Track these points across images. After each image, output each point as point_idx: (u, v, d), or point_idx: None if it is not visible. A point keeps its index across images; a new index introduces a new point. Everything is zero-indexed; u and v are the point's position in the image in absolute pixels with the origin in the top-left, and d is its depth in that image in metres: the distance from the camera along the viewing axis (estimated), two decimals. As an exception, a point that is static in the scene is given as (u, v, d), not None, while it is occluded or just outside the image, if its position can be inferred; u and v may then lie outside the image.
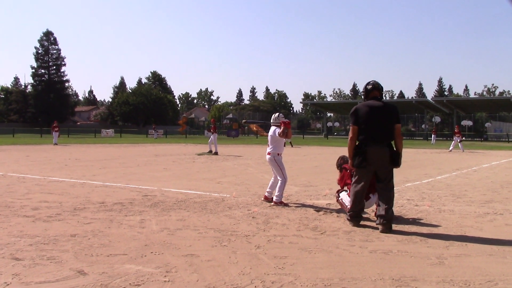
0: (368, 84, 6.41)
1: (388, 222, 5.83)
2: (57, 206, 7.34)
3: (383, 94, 6.50)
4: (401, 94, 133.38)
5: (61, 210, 6.98)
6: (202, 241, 5.19)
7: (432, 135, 45.46)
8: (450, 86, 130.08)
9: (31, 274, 3.94)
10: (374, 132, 6.03)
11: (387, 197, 5.97)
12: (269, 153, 8.06)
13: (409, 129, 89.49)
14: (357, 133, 6.15)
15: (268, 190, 8.15)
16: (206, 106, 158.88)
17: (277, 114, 8.53)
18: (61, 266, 4.17)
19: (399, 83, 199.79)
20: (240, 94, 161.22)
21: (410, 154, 24.12)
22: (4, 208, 7.09)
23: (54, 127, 33.84)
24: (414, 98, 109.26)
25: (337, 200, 7.09)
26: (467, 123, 71.94)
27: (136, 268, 4.15)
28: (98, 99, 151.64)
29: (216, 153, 22.52)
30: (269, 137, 8.15)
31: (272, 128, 8.17)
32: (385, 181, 6.05)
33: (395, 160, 6.06)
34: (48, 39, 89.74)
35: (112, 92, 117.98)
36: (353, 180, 6.27)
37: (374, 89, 6.31)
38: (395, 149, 6.16)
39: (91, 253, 4.60)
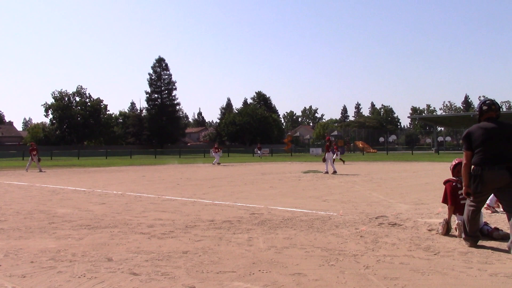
0: (483, 104, 5.88)
1: None
2: (170, 224, 7.69)
3: (500, 111, 5.99)
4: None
5: (174, 228, 7.30)
6: (309, 260, 5.14)
7: None
8: None
9: (147, 288, 4.14)
10: (491, 155, 5.53)
11: None
12: None
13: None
14: (471, 159, 5.72)
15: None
16: (311, 124, 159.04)
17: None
18: (174, 282, 4.33)
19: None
20: (344, 110, 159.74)
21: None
22: (123, 225, 7.57)
23: (216, 148, 35.84)
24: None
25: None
26: None
27: (245, 285, 4.20)
28: (206, 120, 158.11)
29: (334, 172, 21.19)
30: None
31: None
32: (511, 205, 5.47)
33: None
34: (160, 65, 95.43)
35: (220, 113, 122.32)
36: (468, 200, 5.87)
37: (490, 110, 5.78)
38: None
39: (201, 270, 4.74)
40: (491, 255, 5.34)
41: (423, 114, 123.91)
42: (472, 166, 5.71)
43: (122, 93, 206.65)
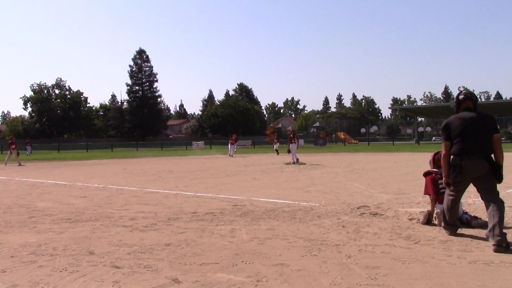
0: (460, 94, 5.93)
1: (505, 242, 5.07)
2: (153, 216, 7.66)
3: (477, 101, 6.03)
4: (498, 95, 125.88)
5: (156, 220, 7.27)
6: (292, 251, 5.17)
7: None
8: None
9: (130, 281, 4.12)
10: (469, 145, 5.55)
11: (497, 212, 5.32)
12: None
13: (509, 132, 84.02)
14: (450, 149, 5.74)
15: None
16: (293, 116, 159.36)
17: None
18: (157, 274, 4.33)
19: (495, 84, 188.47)
20: (326, 102, 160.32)
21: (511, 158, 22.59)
22: (104, 219, 7.51)
23: (232, 139, 35.33)
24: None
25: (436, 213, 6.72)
26: None
27: (228, 277, 4.21)
28: (188, 113, 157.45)
29: (294, 162, 22.95)
30: None
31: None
32: (489, 194, 5.52)
33: (496, 174, 5.51)
34: (141, 57, 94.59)
35: (202, 105, 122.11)
36: (447, 190, 5.93)
37: (467, 99, 5.79)
38: (495, 161, 5.61)
39: (184, 262, 4.73)
40: (470, 243, 5.43)
41: (404, 105, 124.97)
42: (452, 156, 5.77)
43: (103, 85, 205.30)
